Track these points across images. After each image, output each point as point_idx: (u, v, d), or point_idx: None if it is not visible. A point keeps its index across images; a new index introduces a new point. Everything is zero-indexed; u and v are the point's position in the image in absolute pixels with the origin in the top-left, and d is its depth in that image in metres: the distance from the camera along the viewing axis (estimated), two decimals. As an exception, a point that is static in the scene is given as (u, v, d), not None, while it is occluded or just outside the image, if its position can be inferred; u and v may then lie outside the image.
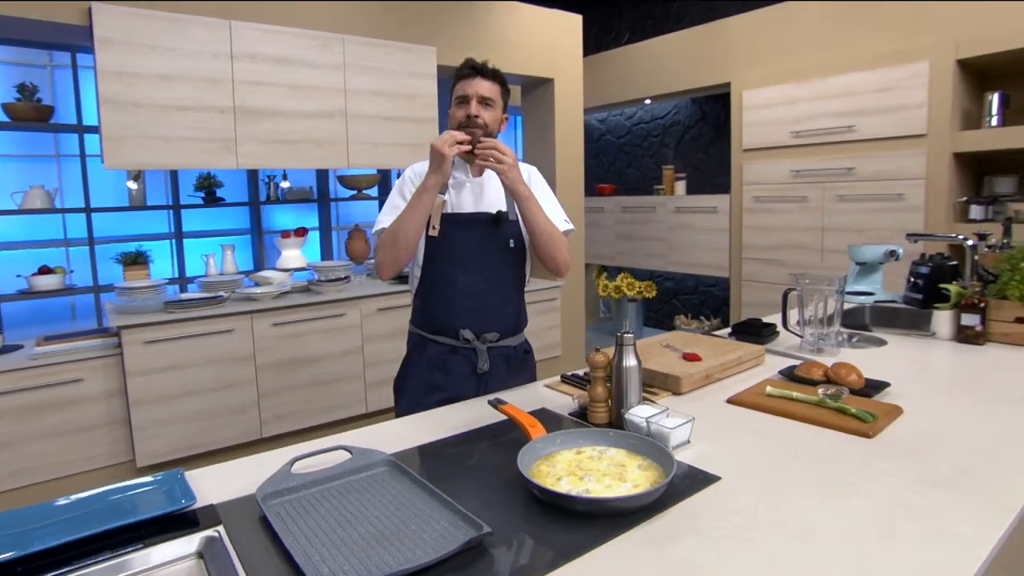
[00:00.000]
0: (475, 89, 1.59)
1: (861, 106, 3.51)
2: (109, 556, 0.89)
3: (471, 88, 1.59)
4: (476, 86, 1.59)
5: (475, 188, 1.66)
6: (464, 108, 1.59)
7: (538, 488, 0.99)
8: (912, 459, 1.11)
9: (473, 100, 1.59)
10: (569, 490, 1.00)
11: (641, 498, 0.96)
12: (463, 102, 1.60)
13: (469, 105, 1.58)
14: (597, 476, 1.05)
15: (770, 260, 4.13)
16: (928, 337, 1.99)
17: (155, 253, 3.74)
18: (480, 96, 1.59)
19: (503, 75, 1.66)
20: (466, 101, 1.59)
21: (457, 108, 1.61)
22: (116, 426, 2.70)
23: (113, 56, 2.59)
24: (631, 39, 5.58)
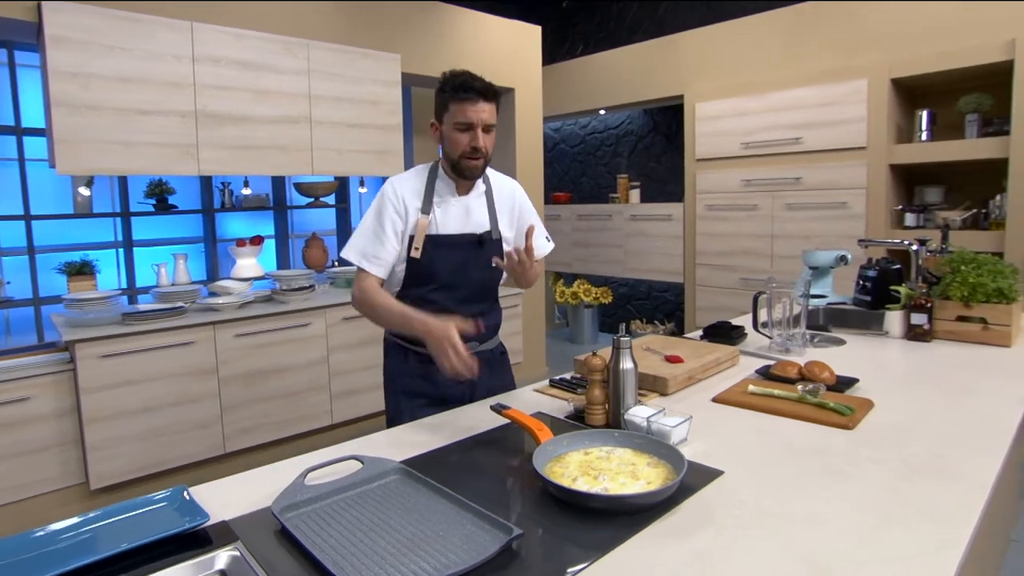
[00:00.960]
0: (479, 116, 1.48)
1: (807, 119, 3.73)
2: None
3: (475, 114, 1.48)
4: (480, 112, 1.48)
5: (460, 207, 1.60)
6: (469, 135, 1.49)
7: (559, 488, 1.02)
8: (891, 447, 1.21)
9: (479, 129, 1.49)
10: (588, 489, 1.04)
11: (659, 493, 1.00)
12: (466, 129, 1.49)
13: (475, 134, 1.49)
14: (611, 475, 1.08)
15: (722, 266, 4.31)
16: (881, 336, 2.14)
17: (100, 263, 3.55)
18: (485, 124, 1.50)
19: (495, 86, 1.57)
20: (470, 128, 1.49)
21: (459, 134, 1.49)
22: (67, 447, 2.55)
23: (66, 55, 2.46)
24: (585, 51, 5.72)
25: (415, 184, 1.58)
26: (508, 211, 1.69)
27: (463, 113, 1.48)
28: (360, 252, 1.54)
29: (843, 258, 2.66)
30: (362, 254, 1.54)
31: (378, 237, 1.54)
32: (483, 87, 1.49)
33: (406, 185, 1.57)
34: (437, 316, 1.50)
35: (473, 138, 1.50)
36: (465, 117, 1.48)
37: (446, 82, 1.52)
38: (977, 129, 3.34)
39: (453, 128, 1.50)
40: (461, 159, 1.52)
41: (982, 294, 1.98)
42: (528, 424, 1.26)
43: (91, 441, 2.55)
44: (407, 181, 1.58)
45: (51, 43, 2.41)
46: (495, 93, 1.52)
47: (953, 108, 3.44)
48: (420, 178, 1.60)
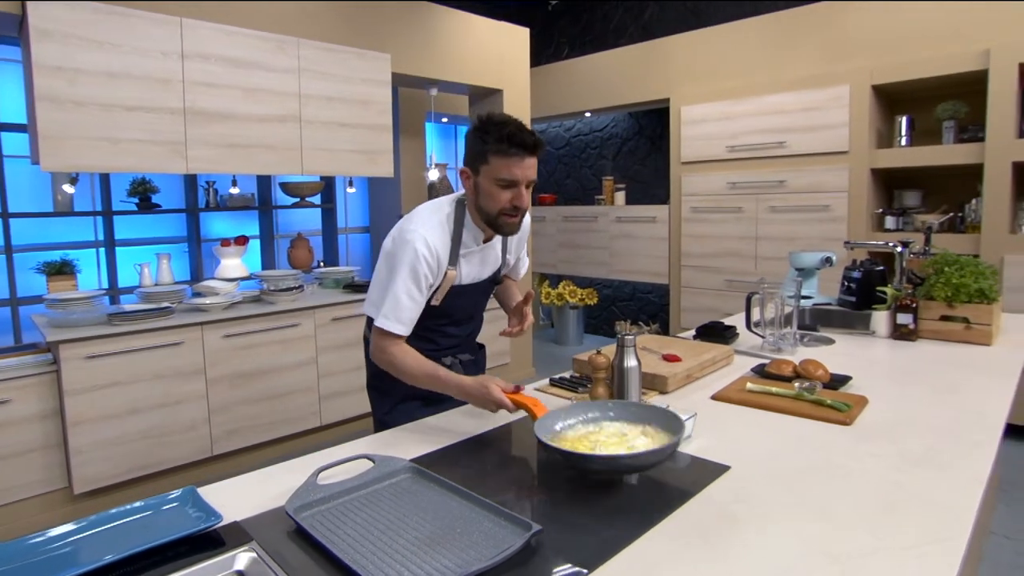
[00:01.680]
0: (525, 173, 1.36)
1: (790, 124, 3.81)
2: (143, 580, 0.85)
3: (521, 172, 1.36)
4: (527, 168, 1.36)
5: (484, 253, 1.56)
6: (512, 193, 1.37)
7: (561, 452, 1.05)
8: (888, 442, 1.24)
9: (523, 186, 1.38)
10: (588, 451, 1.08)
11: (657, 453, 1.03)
12: (510, 186, 1.37)
13: (519, 192, 1.37)
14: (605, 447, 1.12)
15: (707, 267, 4.38)
16: (868, 335, 2.20)
17: (80, 263, 3.47)
18: (529, 181, 1.39)
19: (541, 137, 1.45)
20: (514, 186, 1.37)
21: (501, 190, 1.37)
22: (50, 450, 2.49)
23: (51, 49, 2.40)
24: (570, 53, 5.76)
25: (444, 237, 1.45)
26: (517, 240, 1.69)
27: (508, 170, 1.35)
28: (397, 320, 1.41)
29: (828, 259, 2.72)
30: (399, 321, 1.41)
31: (415, 301, 1.43)
32: (534, 142, 1.35)
33: (436, 239, 1.43)
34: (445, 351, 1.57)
35: (516, 196, 1.38)
36: (511, 175, 1.35)
37: (487, 130, 1.35)
38: (954, 135, 3.45)
39: (494, 183, 1.37)
40: (500, 216, 1.41)
41: (965, 294, 2.04)
42: (524, 402, 1.28)
43: (75, 444, 2.49)
44: (437, 235, 1.44)
45: (35, 36, 2.35)
46: (542, 146, 1.39)
47: (931, 114, 3.54)
48: (445, 228, 1.47)
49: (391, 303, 1.42)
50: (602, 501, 1.05)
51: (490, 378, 1.35)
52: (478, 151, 1.38)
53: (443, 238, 1.46)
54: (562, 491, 1.13)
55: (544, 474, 1.20)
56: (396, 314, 1.42)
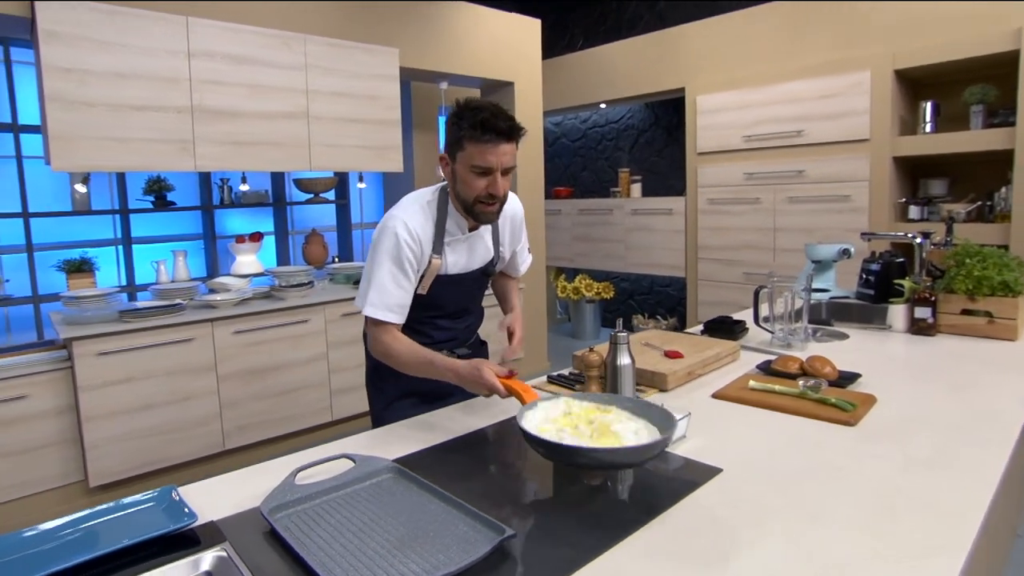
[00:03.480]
0: (500, 160, 1.33)
1: (809, 112, 3.69)
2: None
3: (495, 158, 1.32)
4: (501, 155, 1.33)
5: (470, 243, 1.53)
6: (487, 181, 1.34)
7: (542, 443, 1.01)
8: (894, 443, 1.18)
9: (498, 174, 1.34)
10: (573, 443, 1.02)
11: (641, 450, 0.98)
12: (485, 173, 1.34)
13: (494, 179, 1.34)
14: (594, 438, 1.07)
15: (725, 260, 4.28)
16: (885, 330, 2.11)
17: (100, 260, 3.54)
18: (505, 168, 1.35)
19: (519, 123, 1.38)
20: (489, 173, 1.34)
21: (476, 177, 1.34)
22: (66, 445, 2.54)
23: (60, 51, 2.44)
24: (585, 44, 5.68)
25: (424, 222, 1.44)
26: (510, 234, 1.64)
27: (482, 156, 1.32)
28: (389, 309, 1.40)
29: (846, 251, 2.63)
30: (390, 311, 1.40)
31: (400, 286, 1.41)
32: (508, 128, 1.31)
33: (417, 225, 1.42)
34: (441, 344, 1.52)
35: (491, 184, 1.35)
36: (484, 161, 1.32)
37: (463, 116, 1.33)
38: (982, 120, 3.30)
39: (469, 170, 1.34)
40: (476, 204, 1.38)
41: (987, 287, 1.95)
42: (515, 387, 1.25)
43: (89, 439, 2.54)
44: (417, 219, 1.42)
45: (44, 39, 2.39)
46: (519, 132, 1.35)
47: (958, 99, 3.40)
48: (429, 215, 1.45)
49: (376, 291, 1.41)
50: (584, 504, 1.01)
51: (484, 361, 1.32)
52: (454, 137, 1.36)
53: (424, 224, 1.44)
54: (545, 493, 1.11)
55: (531, 474, 1.17)
56: (383, 300, 1.41)
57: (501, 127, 1.30)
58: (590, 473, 1.10)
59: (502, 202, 1.41)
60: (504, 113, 1.33)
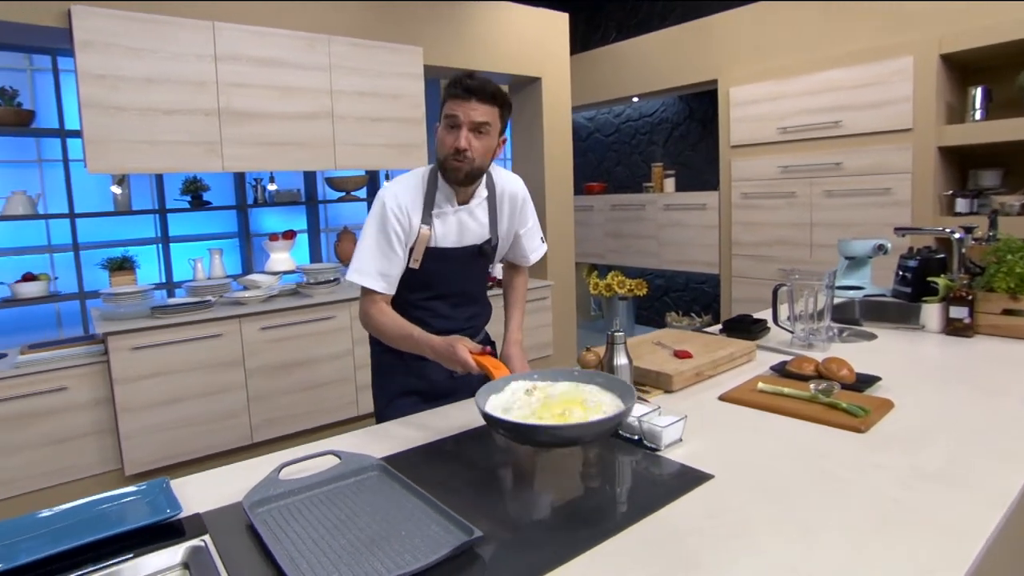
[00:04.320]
0: (468, 115, 1.35)
1: (847, 101, 3.52)
2: (93, 568, 0.87)
3: (463, 111, 1.35)
4: (469, 110, 1.35)
5: (461, 218, 1.51)
6: (453, 135, 1.37)
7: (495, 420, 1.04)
8: (903, 452, 1.11)
9: (464, 128, 1.36)
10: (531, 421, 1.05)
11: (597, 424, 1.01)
12: (453, 126, 1.37)
13: (459, 133, 1.36)
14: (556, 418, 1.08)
15: (759, 256, 4.14)
16: (917, 330, 2.00)
17: (142, 258, 3.70)
18: (473, 123, 1.36)
19: (504, 94, 1.41)
20: (456, 126, 1.37)
21: (446, 132, 1.39)
22: (104, 435, 2.67)
23: (94, 59, 2.55)
24: (617, 37, 5.58)
25: (414, 193, 1.47)
26: (509, 214, 1.62)
27: (450, 107, 1.37)
28: (369, 274, 1.44)
29: (881, 247, 2.51)
30: (371, 275, 1.44)
31: (385, 254, 1.44)
32: (475, 86, 1.35)
33: (406, 194, 1.45)
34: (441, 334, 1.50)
35: (456, 138, 1.37)
36: (452, 111, 1.37)
37: (449, 82, 1.41)
38: (1039, 106, 3.08)
39: (442, 126, 1.41)
40: (447, 161, 1.40)
41: (1030, 285, 1.82)
42: (485, 363, 1.26)
43: (124, 429, 2.66)
44: (406, 190, 1.46)
45: (80, 47, 2.51)
46: (494, 94, 1.37)
47: (1011, 84, 3.17)
48: (419, 186, 1.48)
49: (361, 257, 1.45)
50: (563, 508, 0.99)
51: (459, 338, 1.33)
52: (441, 103, 1.43)
53: (413, 194, 1.47)
54: (526, 495, 1.09)
55: (516, 476, 1.16)
56: (367, 266, 1.44)
57: (470, 84, 1.35)
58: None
59: (472, 162, 1.40)
60: (481, 77, 1.38)
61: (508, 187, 1.60)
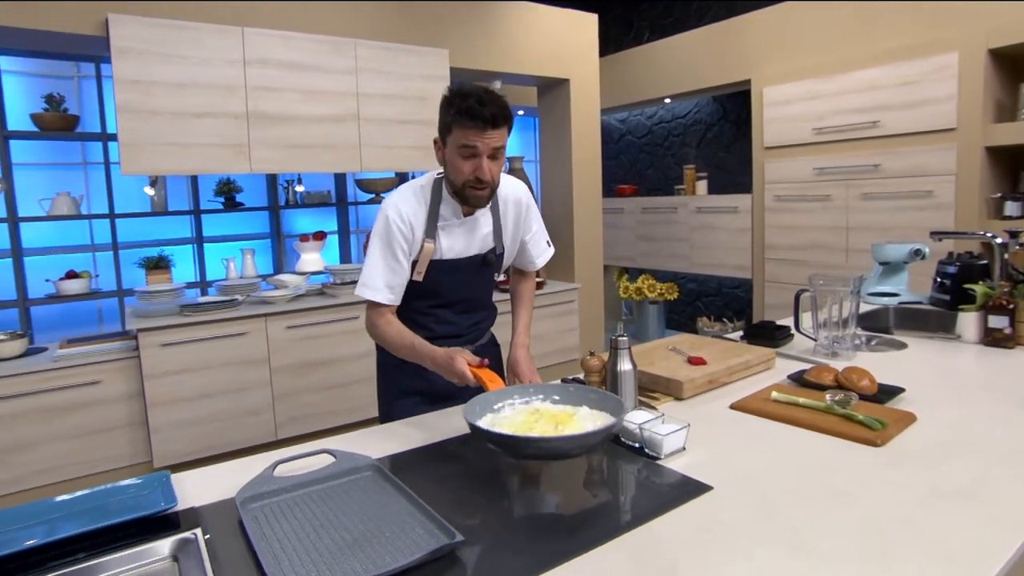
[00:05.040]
0: (487, 144, 1.33)
1: (886, 101, 3.38)
2: (85, 556, 0.89)
3: (481, 141, 1.32)
4: (487, 139, 1.32)
5: (466, 228, 1.49)
6: (473, 164, 1.34)
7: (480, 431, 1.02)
8: (921, 469, 1.05)
9: (484, 157, 1.34)
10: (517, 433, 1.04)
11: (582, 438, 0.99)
12: (471, 155, 1.34)
13: (479, 163, 1.34)
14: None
15: (793, 261, 4.01)
16: (953, 340, 1.89)
17: (179, 257, 3.83)
18: (492, 150, 1.35)
19: (509, 109, 1.37)
20: (475, 155, 1.34)
21: (463, 160, 1.35)
22: (135, 427, 2.76)
23: (130, 65, 2.65)
24: (651, 38, 5.50)
25: (418, 206, 1.45)
26: (514, 221, 1.60)
27: (467, 137, 1.32)
28: (376, 288, 1.44)
29: (919, 252, 2.39)
30: (378, 289, 1.44)
31: (390, 267, 1.44)
32: (493, 115, 1.30)
33: (408, 206, 1.44)
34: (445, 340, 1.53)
35: (477, 167, 1.34)
36: (469, 141, 1.32)
37: (452, 101, 1.34)
38: (1098, 103, 2.89)
39: (456, 153, 1.35)
40: (465, 187, 1.38)
41: (1077, 294, 1.70)
42: (481, 377, 1.24)
43: (154, 423, 2.74)
44: (409, 203, 1.45)
45: (116, 55, 2.61)
46: (506, 118, 1.34)
47: (1067, 80, 2.99)
48: (422, 199, 1.46)
49: (367, 271, 1.46)
50: (554, 515, 0.97)
51: (460, 350, 1.32)
52: (445, 122, 1.36)
53: (416, 207, 1.45)
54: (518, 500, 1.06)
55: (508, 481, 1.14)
56: (372, 280, 1.45)
57: (486, 115, 1.30)
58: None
59: (492, 186, 1.40)
60: (493, 100, 1.33)
61: (512, 194, 1.57)
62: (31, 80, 3.55)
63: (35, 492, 2.57)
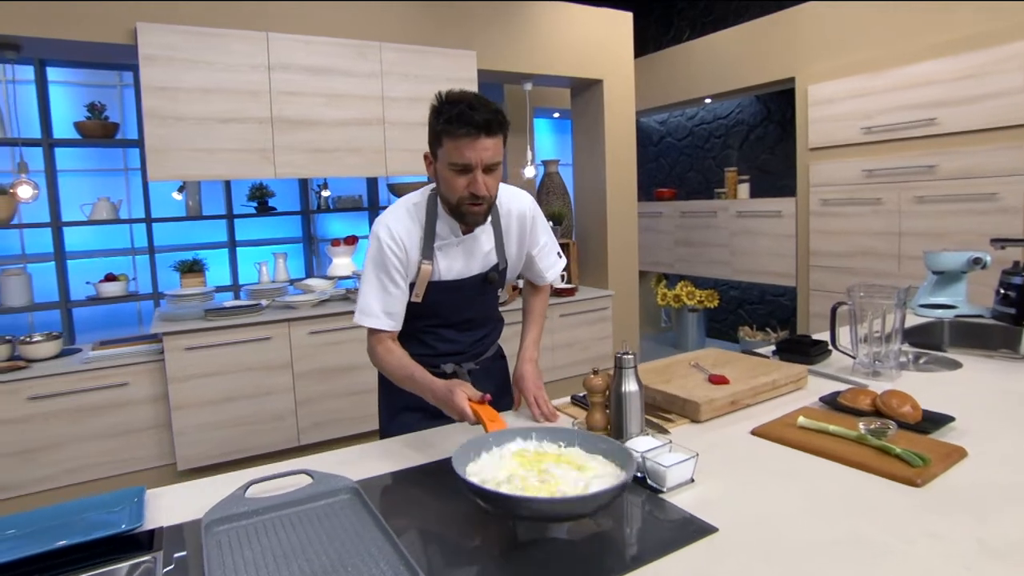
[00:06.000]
0: (479, 156, 1.22)
1: (944, 96, 3.12)
2: (38, 581, 0.85)
3: (473, 154, 1.22)
4: (481, 151, 1.22)
5: (465, 247, 1.41)
6: (466, 179, 1.25)
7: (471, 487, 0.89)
8: (970, 517, 0.90)
9: (478, 171, 1.24)
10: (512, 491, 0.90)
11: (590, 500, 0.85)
12: (464, 171, 1.24)
13: (474, 178, 1.24)
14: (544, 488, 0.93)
15: (840, 268, 3.77)
16: (1018, 360, 1.70)
17: (213, 261, 3.89)
18: (486, 164, 1.24)
19: (503, 113, 1.26)
20: (468, 170, 1.24)
21: (456, 176, 1.25)
22: (161, 430, 2.79)
23: (157, 72, 2.69)
24: (691, 36, 5.32)
25: (412, 227, 1.36)
26: (518, 235, 1.49)
27: (459, 152, 1.22)
28: (374, 315, 1.37)
29: (979, 261, 2.18)
30: (376, 316, 1.37)
31: (387, 291, 1.36)
32: (484, 120, 1.20)
33: (401, 227, 1.35)
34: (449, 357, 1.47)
35: (472, 183, 1.25)
36: (462, 157, 1.22)
37: (440, 109, 1.24)
38: None
39: (448, 168, 1.25)
40: (460, 205, 1.29)
41: None
42: (480, 415, 1.16)
43: (178, 426, 2.77)
44: (403, 223, 1.36)
45: (144, 63, 2.65)
46: (500, 123, 1.23)
47: None
48: (417, 219, 1.37)
49: (363, 297, 1.39)
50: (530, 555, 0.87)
51: (460, 383, 1.24)
52: (435, 132, 1.26)
53: (409, 226, 1.36)
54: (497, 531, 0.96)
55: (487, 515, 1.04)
56: (369, 307, 1.38)
57: (477, 120, 1.19)
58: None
59: (490, 202, 1.30)
60: (484, 105, 1.22)
61: (515, 207, 1.47)
62: (77, 89, 3.68)
63: (65, 491, 2.62)
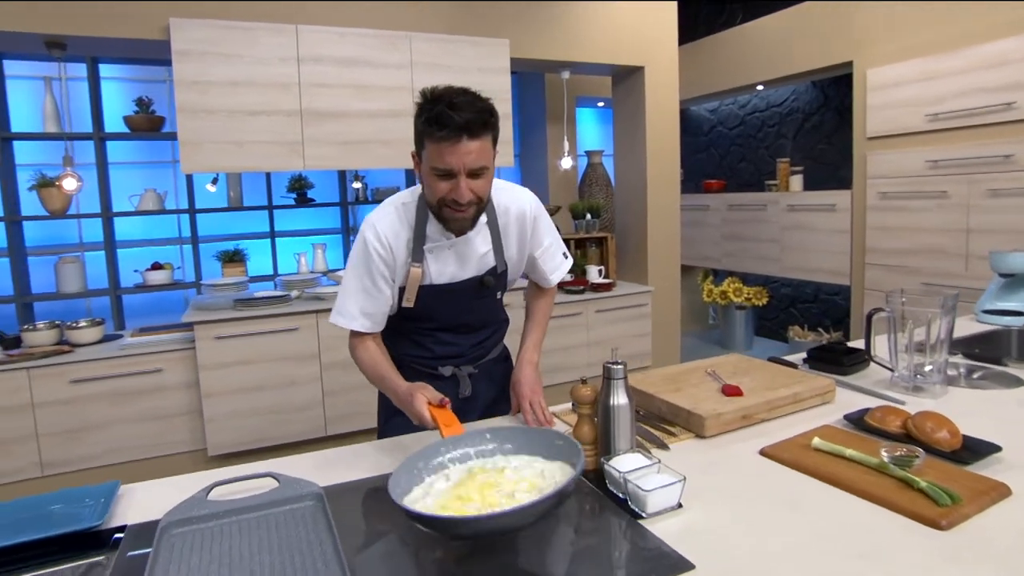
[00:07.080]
0: (462, 160, 1.13)
1: (1021, 77, 2.81)
2: (-7, 577, 0.85)
3: (455, 158, 1.12)
4: (463, 154, 1.12)
5: (457, 250, 1.32)
6: (449, 184, 1.16)
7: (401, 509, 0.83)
8: (1003, 570, 0.77)
9: (462, 176, 1.15)
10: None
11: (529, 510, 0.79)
12: (446, 176, 1.16)
13: (456, 184, 1.16)
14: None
15: (900, 267, 3.49)
16: (1088, 378, 1.49)
17: (255, 251, 3.99)
18: (471, 170, 1.15)
19: (492, 109, 1.16)
20: (451, 176, 1.15)
21: (438, 180, 1.17)
22: (193, 416, 2.87)
23: (189, 67, 2.74)
24: (744, 19, 5.04)
25: (400, 228, 1.30)
26: (518, 236, 1.40)
27: (440, 156, 1.13)
28: (351, 315, 1.31)
29: (1053, 263, 1.94)
30: (352, 316, 1.31)
31: (368, 292, 1.30)
32: (466, 121, 1.10)
33: (388, 227, 1.28)
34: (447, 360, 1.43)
35: (454, 188, 1.16)
36: (443, 162, 1.14)
37: (422, 107, 1.15)
38: None
39: (430, 171, 1.17)
40: (442, 208, 1.21)
41: None
42: (438, 419, 1.10)
43: (208, 413, 2.84)
44: (391, 223, 1.29)
45: (177, 58, 2.71)
46: (486, 121, 1.13)
47: None
48: (405, 219, 1.30)
49: (342, 297, 1.34)
50: None
51: (422, 386, 1.18)
52: (417, 131, 1.19)
53: (399, 229, 1.30)
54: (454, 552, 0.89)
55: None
56: (347, 307, 1.33)
57: (458, 121, 1.09)
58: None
59: (479, 205, 1.22)
60: (469, 103, 1.12)
61: (514, 206, 1.37)
62: (129, 85, 3.83)
63: (105, 470, 2.74)
